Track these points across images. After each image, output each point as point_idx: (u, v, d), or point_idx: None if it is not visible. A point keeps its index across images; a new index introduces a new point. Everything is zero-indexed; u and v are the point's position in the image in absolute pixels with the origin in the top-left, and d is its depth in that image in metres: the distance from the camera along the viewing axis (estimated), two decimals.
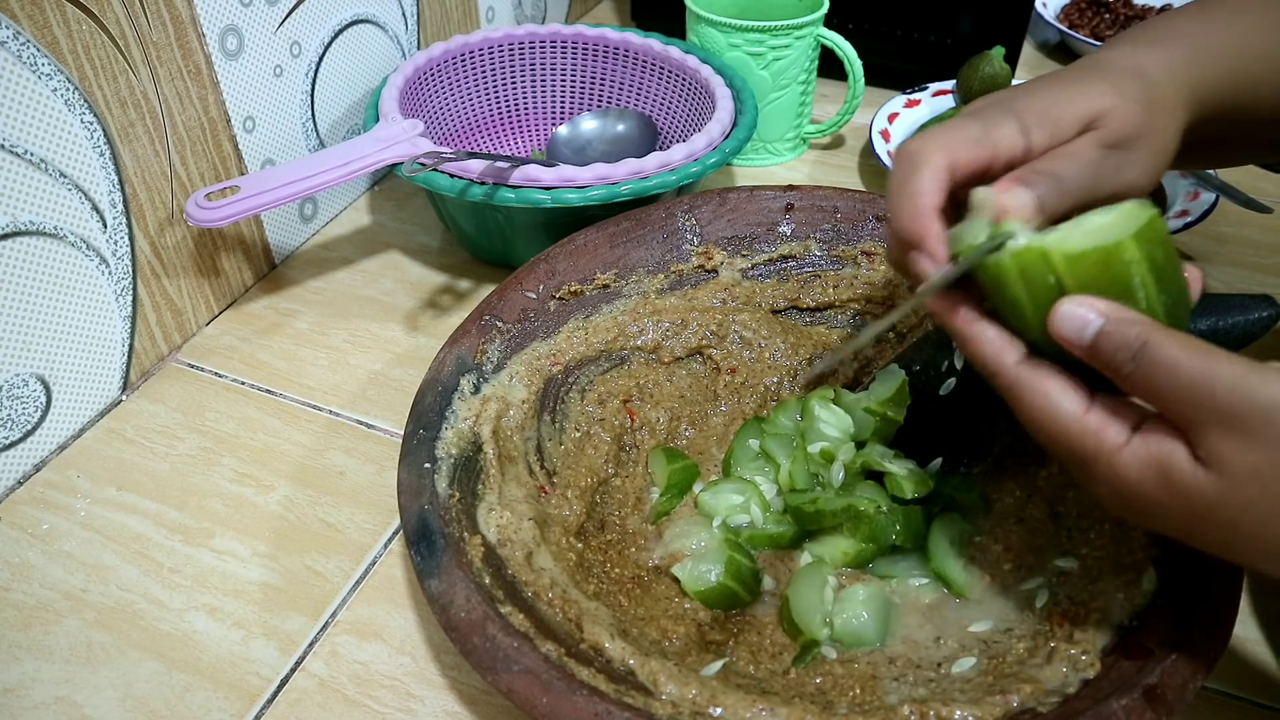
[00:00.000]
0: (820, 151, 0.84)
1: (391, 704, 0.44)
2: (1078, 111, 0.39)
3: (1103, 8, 1.01)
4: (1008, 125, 0.39)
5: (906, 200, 0.39)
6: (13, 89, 0.49)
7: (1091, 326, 0.33)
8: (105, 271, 0.56)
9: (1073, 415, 0.34)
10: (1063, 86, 0.40)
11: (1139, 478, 0.33)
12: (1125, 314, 0.33)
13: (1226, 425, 0.31)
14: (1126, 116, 0.39)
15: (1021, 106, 0.40)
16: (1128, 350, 0.33)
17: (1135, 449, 0.33)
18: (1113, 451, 0.33)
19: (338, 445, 0.57)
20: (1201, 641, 0.36)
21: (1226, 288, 0.67)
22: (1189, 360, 0.31)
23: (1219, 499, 0.31)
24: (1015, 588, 0.44)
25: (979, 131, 0.39)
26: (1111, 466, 0.33)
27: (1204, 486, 0.31)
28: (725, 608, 0.46)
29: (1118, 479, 0.33)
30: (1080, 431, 0.34)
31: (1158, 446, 0.33)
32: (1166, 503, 0.33)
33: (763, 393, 0.56)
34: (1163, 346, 0.32)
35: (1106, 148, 0.39)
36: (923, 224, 0.38)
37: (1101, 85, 0.40)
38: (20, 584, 0.49)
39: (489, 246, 0.68)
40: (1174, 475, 0.32)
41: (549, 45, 0.77)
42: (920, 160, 0.38)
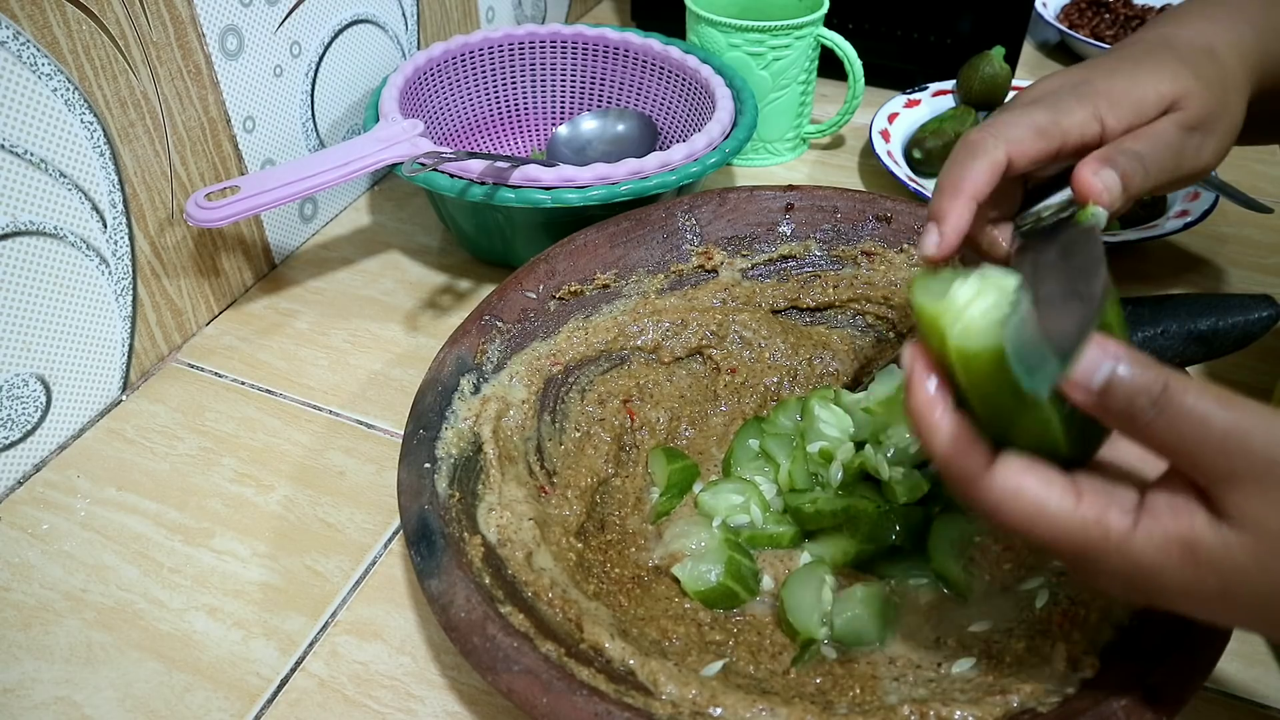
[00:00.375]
0: (820, 151, 0.84)
1: (391, 704, 0.44)
2: (1160, 93, 0.39)
3: (1103, 8, 1.01)
4: (1080, 112, 0.39)
5: (951, 182, 0.38)
6: (13, 89, 0.49)
7: (1104, 369, 0.29)
8: (105, 271, 0.56)
9: (1066, 509, 0.30)
10: (1140, 67, 0.40)
11: (1160, 559, 0.29)
12: (1139, 356, 0.29)
13: (1263, 480, 0.27)
14: (1206, 99, 0.39)
15: (1098, 89, 0.39)
16: (1148, 395, 0.28)
17: (1149, 529, 0.30)
18: (1121, 539, 0.30)
19: (338, 445, 0.57)
20: (1201, 641, 0.36)
21: (1226, 288, 0.67)
22: (1218, 409, 0.28)
23: (1255, 564, 0.28)
24: (1015, 588, 0.44)
25: (1047, 120, 0.39)
26: (1124, 555, 0.30)
27: (1235, 553, 0.28)
28: (725, 607, 0.46)
29: (1132, 564, 0.30)
30: (1080, 525, 0.30)
31: (1174, 520, 0.29)
32: (1193, 580, 0.29)
33: (763, 393, 0.56)
34: (1187, 393, 0.28)
35: (1187, 129, 0.39)
36: (952, 205, 0.38)
37: (1180, 68, 0.40)
38: (20, 584, 0.49)
39: (489, 246, 0.68)
40: (1200, 548, 0.29)
41: (549, 45, 0.77)
42: (979, 150, 0.38)
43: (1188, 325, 0.50)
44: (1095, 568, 0.31)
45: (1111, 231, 0.65)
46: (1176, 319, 0.45)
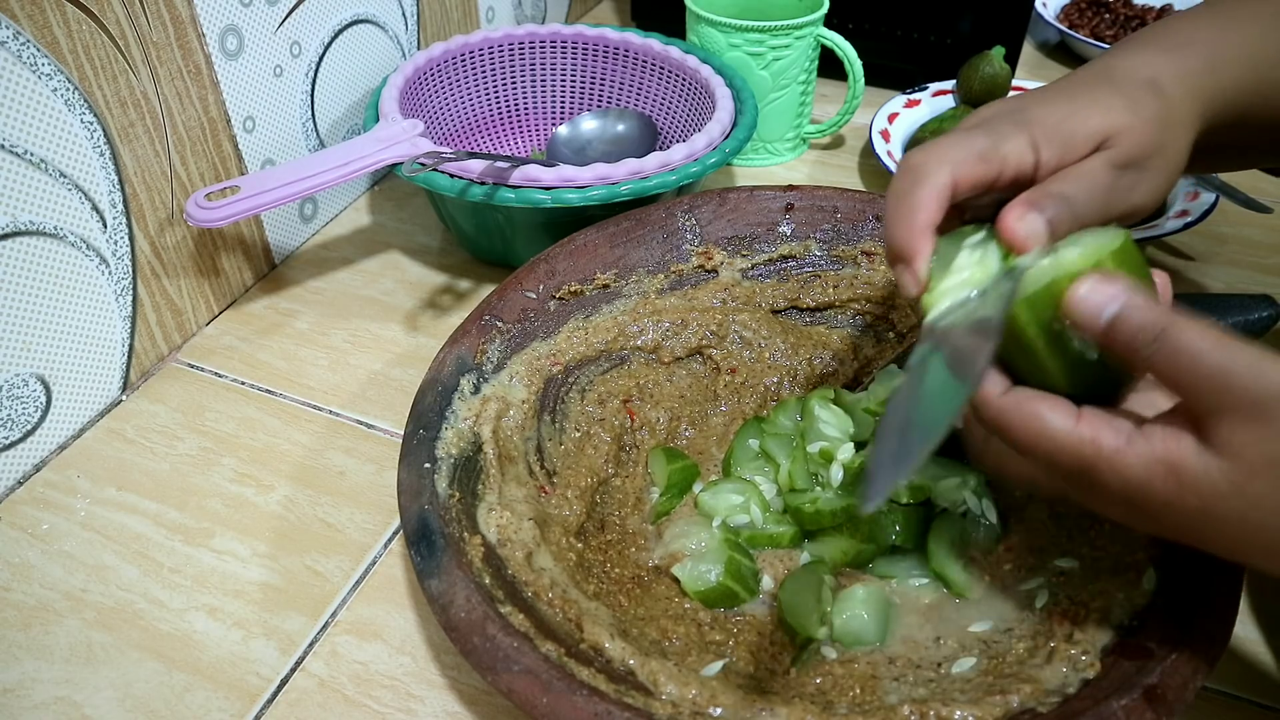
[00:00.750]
0: (820, 151, 0.84)
1: (391, 704, 0.44)
2: (1090, 129, 0.39)
3: (1103, 8, 1.01)
4: (1018, 140, 0.38)
5: (904, 215, 0.38)
6: (13, 89, 0.49)
7: (1110, 307, 0.33)
8: (105, 271, 0.56)
9: (1065, 427, 0.34)
10: (1076, 99, 0.40)
11: (1146, 475, 0.32)
12: (1143, 298, 0.33)
13: (1245, 412, 0.30)
14: (1140, 136, 0.39)
15: (1034, 118, 0.39)
16: (1149, 332, 0.32)
17: (1139, 446, 0.32)
18: (1114, 453, 0.33)
19: (338, 445, 0.57)
20: (1201, 641, 0.36)
21: (1226, 288, 0.67)
22: (1210, 346, 0.31)
23: (1231, 489, 0.31)
24: (1015, 588, 0.44)
25: (987, 146, 0.38)
26: (1114, 468, 0.33)
27: (1215, 477, 0.31)
28: (725, 607, 0.46)
29: (1122, 480, 0.33)
30: (1077, 441, 0.33)
31: (1163, 441, 0.32)
32: (1175, 499, 0.32)
33: (763, 393, 0.56)
34: (1185, 331, 0.31)
35: (1118, 168, 0.38)
36: (915, 243, 0.38)
37: (1116, 100, 0.39)
38: (20, 584, 0.49)
39: (489, 246, 0.68)
40: (1184, 467, 0.31)
41: (549, 45, 0.77)
42: (923, 175, 0.38)
43: None
44: (1091, 483, 0.34)
45: None
46: None
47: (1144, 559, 0.41)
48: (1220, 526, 0.32)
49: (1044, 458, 0.35)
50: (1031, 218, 0.37)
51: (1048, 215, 0.37)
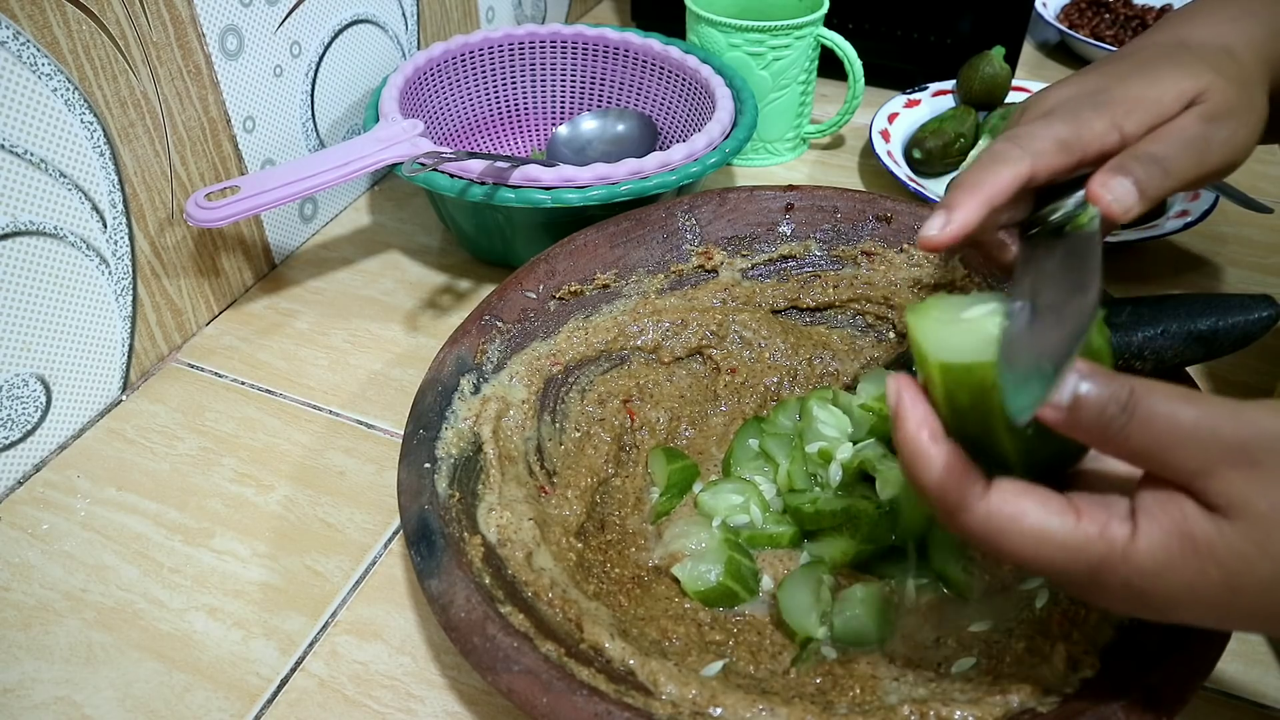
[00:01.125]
0: (820, 151, 0.84)
1: (391, 704, 0.44)
2: (1179, 90, 0.39)
3: (1103, 8, 1.01)
4: (1099, 123, 0.39)
5: (970, 182, 0.38)
6: (13, 89, 0.49)
7: (1070, 385, 0.29)
8: (105, 271, 0.56)
9: (1068, 530, 0.30)
10: (1157, 69, 0.40)
11: (1164, 561, 0.29)
12: (1103, 370, 0.30)
13: (1238, 462, 0.28)
14: (1228, 90, 0.39)
15: (1115, 97, 0.39)
16: (1117, 404, 0.29)
17: (1148, 530, 0.29)
18: (1126, 548, 0.29)
19: (338, 445, 0.57)
20: (1201, 641, 0.36)
21: (1226, 288, 0.67)
22: (1184, 404, 0.28)
23: (1256, 550, 0.28)
24: (1015, 588, 0.44)
25: (1069, 133, 0.39)
26: (1130, 564, 0.29)
27: (1234, 541, 0.28)
28: (725, 607, 0.46)
29: (1138, 574, 0.29)
30: (1084, 543, 0.30)
31: (1166, 515, 0.29)
32: (1197, 579, 0.29)
33: (763, 393, 0.56)
34: (1153, 394, 0.29)
35: (1211, 121, 0.39)
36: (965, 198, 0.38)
37: (1198, 65, 0.40)
38: (20, 584, 0.49)
39: (489, 246, 0.68)
40: (1199, 540, 0.28)
41: (549, 45, 0.77)
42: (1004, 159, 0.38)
43: (1188, 325, 0.50)
44: (1103, 583, 0.30)
45: (1112, 231, 0.65)
46: (1176, 319, 0.45)
47: None
48: (1249, 598, 0.29)
49: (1046, 567, 0.31)
50: (1117, 182, 0.36)
51: (1136, 178, 0.37)
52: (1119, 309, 0.45)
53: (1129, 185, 0.36)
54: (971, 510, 0.31)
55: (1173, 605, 0.30)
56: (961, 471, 0.31)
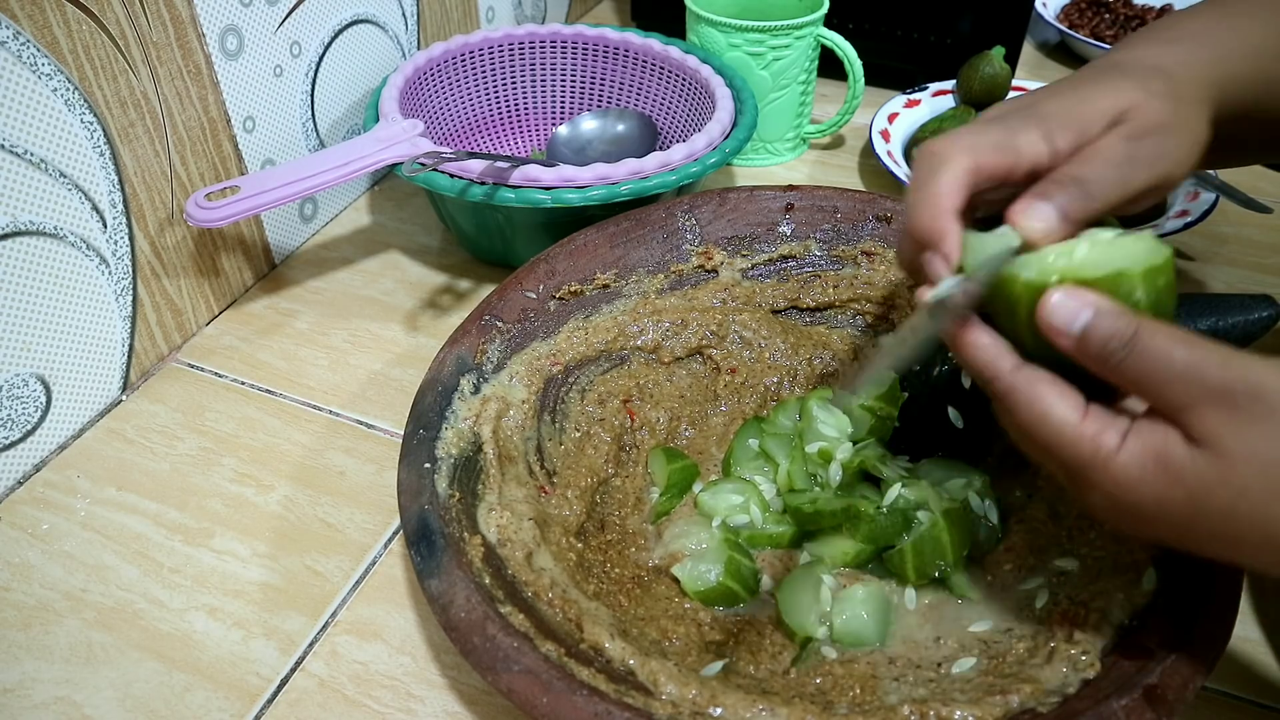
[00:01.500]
0: (820, 151, 0.84)
1: (391, 704, 0.44)
2: (1103, 109, 0.39)
3: (1103, 8, 1.01)
4: (1030, 132, 0.39)
5: (926, 200, 0.38)
6: (13, 89, 0.49)
7: (1083, 317, 0.33)
8: (105, 271, 0.56)
9: (1069, 421, 0.34)
10: (1084, 87, 0.40)
11: (1137, 475, 0.32)
12: (1115, 306, 0.33)
13: (1219, 403, 0.31)
14: (1153, 108, 0.39)
15: (1044, 112, 0.39)
16: (1119, 339, 0.32)
17: (1130, 447, 0.33)
18: (1109, 455, 0.33)
19: (338, 445, 0.57)
20: (1201, 641, 0.36)
21: (1226, 288, 0.67)
22: (1180, 346, 0.32)
23: (1218, 480, 0.31)
24: (1015, 588, 0.44)
25: (1002, 137, 0.39)
26: (1108, 470, 0.33)
27: (1202, 469, 0.31)
28: (725, 607, 0.46)
29: (1114, 481, 0.33)
30: (1076, 438, 0.33)
31: (1151, 438, 0.32)
32: (1164, 495, 0.32)
33: (763, 393, 0.56)
34: (1154, 335, 0.32)
35: (1135, 139, 0.38)
36: (941, 224, 0.38)
37: (1124, 83, 0.40)
38: (20, 584, 0.49)
39: (489, 246, 0.68)
40: (1171, 462, 0.32)
41: (549, 45, 0.77)
42: (943, 160, 0.38)
43: (1187, 325, 0.50)
44: (1086, 481, 0.34)
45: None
46: (1176, 319, 0.45)
47: (1144, 559, 0.41)
48: (1210, 522, 0.32)
49: (1041, 446, 0.35)
50: (1038, 208, 0.37)
51: (1057, 203, 0.37)
52: None
53: (1048, 209, 0.37)
54: (1003, 373, 0.35)
55: (1142, 517, 0.33)
56: (998, 349, 0.36)
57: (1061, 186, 0.37)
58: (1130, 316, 0.33)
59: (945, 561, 0.45)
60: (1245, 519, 0.31)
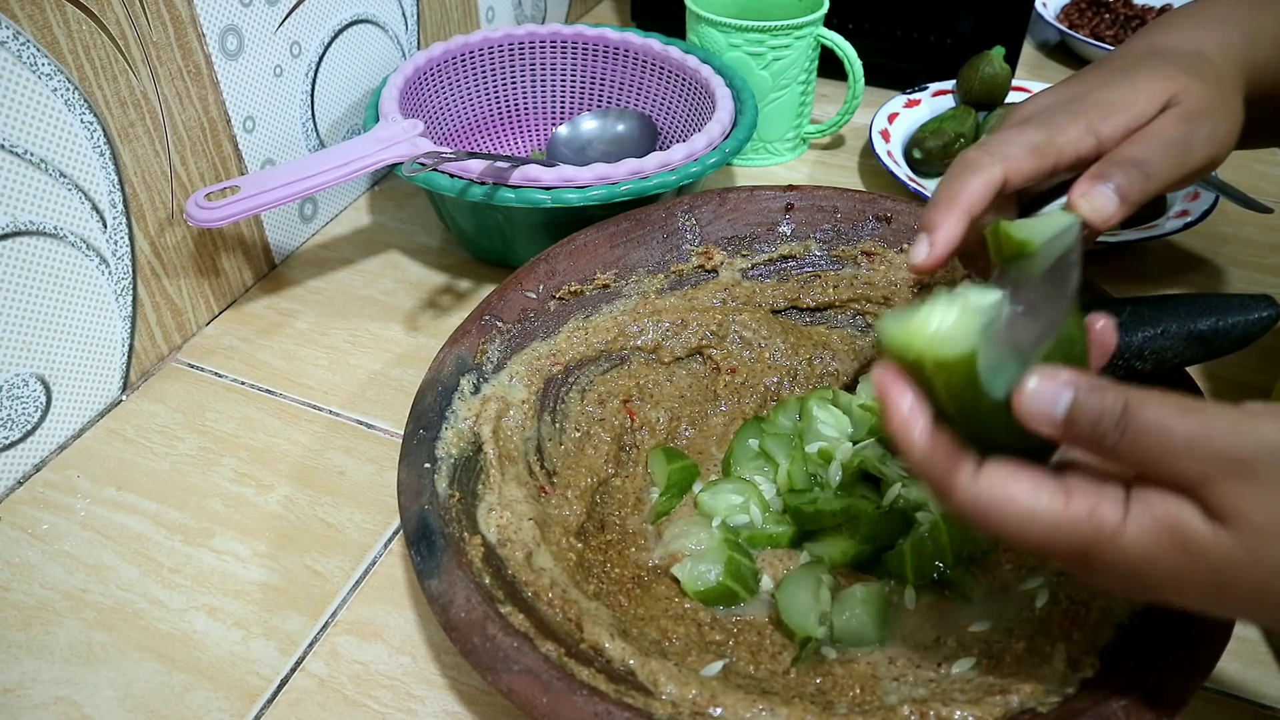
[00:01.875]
0: (820, 151, 0.84)
1: (391, 704, 0.44)
2: (1153, 93, 0.39)
3: (1103, 8, 1.01)
4: (1073, 129, 0.39)
5: (944, 196, 0.39)
6: (13, 89, 0.49)
7: (1064, 400, 0.30)
8: (105, 271, 0.56)
9: (1055, 509, 0.30)
10: (1131, 74, 0.41)
11: (1151, 551, 0.29)
12: (1096, 381, 0.30)
13: (1236, 474, 0.28)
14: (1201, 92, 0.39)
15: (1089, 103, 0.40)
16: (1110, 417, 0.29)
17: (1139, 520, 0.30)
18: (1114, 533, 0.30)
19: (338, 445, 0.57)
20: (1201, 641, 0.36)
21: (1226, 288, 0.67)
22: (1178, 416, 0.29)
23: (1249, 560, 0.28)
24: (1015, 588, 0.44)
25: (1042, 138, 0.39)
26: (1116, 549, 0.30)
27: (1228, 548, 0.28)
28: (725, 607, 0.46)
29: (1126, 560, 0.30)
30: (1071, 523, 0.30)
31: (1164, 510, 0.29)
32: (1186, 572, 0.29)
33: (763, 393, 0.56)
34: (1146, 406, 0.29)
35: (1190, 121, 0.39)
36: (942, 217, 0.38)
37: (1171, 69, 0.40)
38: (20, 584, 0.49)
39: (489, 246, 0.68)
40: (1191, 539, 0.29)
41: (549, 45, 0.77)
42: (975, 167, 0.39)
43: (1188, 325, 0.50)
44: (1092, 565, 0.31)
45: (1112, 232, 0.65)
46: (1176, 319, 0.45)
47: None
48: (1238, 598, 0.29)
49: (1036, 547, 0.31)
50: (1097, 191, 0.37)
51: (1116, 183, 0.37)
52: (1119, 309, 0.45)
53: (1108, 192, 0.37)
54: (961, 490, 0.32)
55: (1160, 589, 0.30)
56: (948, 453, 0.32)
57: (1120, 167, 0.37)
58: (1116, 390, 0.30)
59: (944, 562, 0.45)
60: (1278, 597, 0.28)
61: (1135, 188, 0.37)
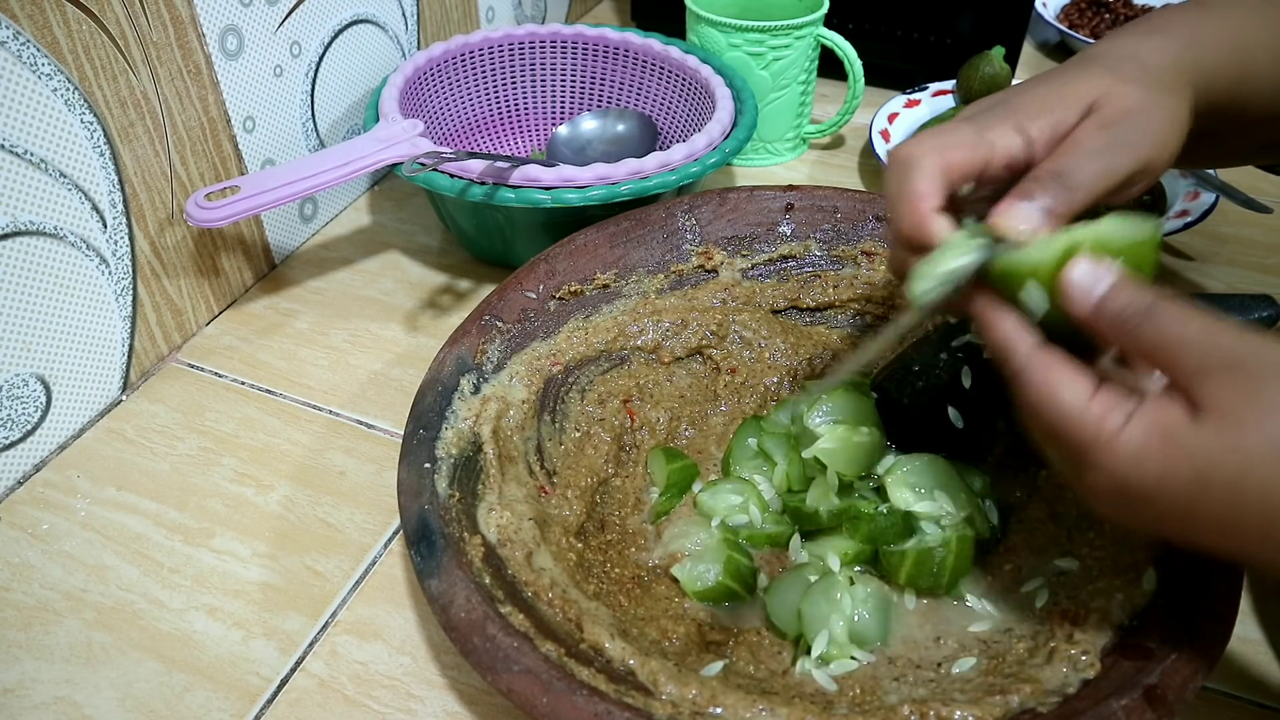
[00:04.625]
0: (820, 151, 0.84)
1: (391, 704, 0.44)
2: (1076, 97, 0.39)
3: (1103, 8, 1.01)
4: (1002, 126, 0.39)
5: (905, 204, 0.38)
6: (13, 89, 0.49)
7: (1104, 282, 0.34)
8: (105, 271, 0.56)
9: (1076, 401, 0.33)
10: (1057, 79, 0.40)
11: (1140, 451, 0.32)
12: (1133, 278, 0.34)
13: (1232, 370, 0.30)
14: (1125, 93, 0.39)
15: (1016, 105, 0.40)
16: (1136, 306, 0.33)
17: (1134, 424, 0.32)
18: (1112, 434, 0.32)
19: (338, 445, 0.57)
20: (1201, 641, 0.36)
21: (1226, 288, 0.67)
22: (1196, 317, 0.32)
23: (1226, 446, 0.30)
24: (1015, 588, 0.44)
25: (972, 135, 0.39)
26: (1110, 448, 0.32)
27: (1209, 439, 0.30)
28: (725, 606, 0.46)
29: (1115, 459, 0.32)
30: (1080, 418, 0.33)
31: (1156, 414, 0.32)
32: (1167, 472, 0.31)
33: (763, 393, 0.56)
34: (1171, 305, 0.33)
35: (1112, 126, 0.38)
36: (926, 226, 0.38)
37: (1096, 71, 0.40)
38: (20, 584, 0.49)
39: (489, 246, 0.68)
40: (1177, 435, 0.31)
41: (549, 45, 0.77)
42: (913, 163, 0.38)
43: None
44: (1083, 462, 0.33)
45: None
46: None
47: (1144, 559, 0.41)
48: (1213, 501, 0.31)
49: (1046, 425, 0.34)
50: (1020, 208, 0.37)
51: (1040, 201, 0.37)
52: None
53: (1030, 209, 0.37)
54: (1016, 355, 0.35)
55: (1143, 497, 0.32)
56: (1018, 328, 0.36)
57: (1041, 183, 0.37)
58: (1150, 290, 0.33)
59: (940, 583, 0.45)
60: (1253, 495, 0.30)
61: (1060, 201, 0.37)
